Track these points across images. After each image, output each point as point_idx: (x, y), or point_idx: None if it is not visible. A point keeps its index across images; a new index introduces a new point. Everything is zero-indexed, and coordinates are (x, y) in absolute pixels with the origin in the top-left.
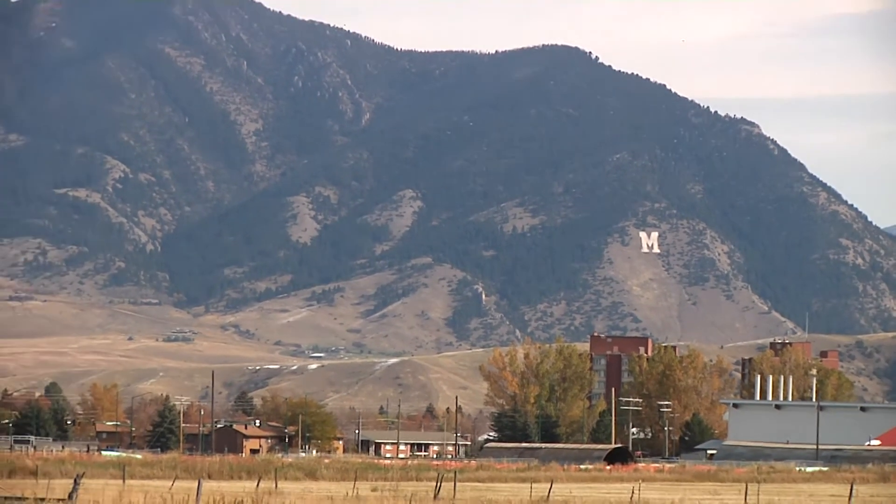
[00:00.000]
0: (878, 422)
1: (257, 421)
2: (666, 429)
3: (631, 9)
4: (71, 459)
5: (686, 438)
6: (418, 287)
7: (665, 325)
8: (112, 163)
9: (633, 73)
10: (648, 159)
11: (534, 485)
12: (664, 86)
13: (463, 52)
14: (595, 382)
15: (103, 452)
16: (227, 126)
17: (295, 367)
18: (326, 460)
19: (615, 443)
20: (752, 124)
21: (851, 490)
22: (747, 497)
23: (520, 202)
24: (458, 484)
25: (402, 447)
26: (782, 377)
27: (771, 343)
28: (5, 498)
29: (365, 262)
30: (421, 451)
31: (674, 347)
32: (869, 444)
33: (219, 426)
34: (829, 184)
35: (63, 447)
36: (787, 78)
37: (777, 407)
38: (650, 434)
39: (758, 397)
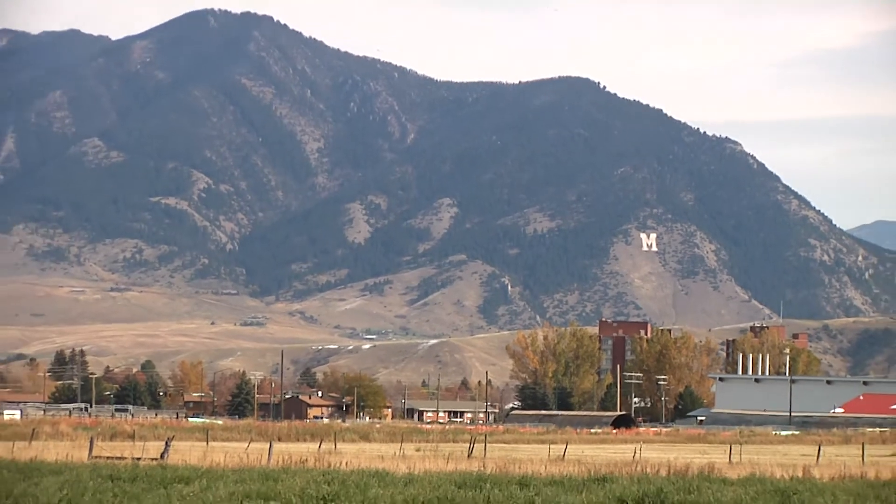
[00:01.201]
0: (842, 393)
1: (319, 392)
2: (663, 399)
3: (633, 46)
4: (162, 425)
5: (679, 407)
6: (454, 280)
7: (662, 311)
8: (197, 175)
9: (634, 100)
10: (647, 172)
11: (551, 446)
12: (661, 110)
13: (491, 82)
14: (603, 360)
15: (190, 419)
16: (294, 145)
17: (351, 347)
18: (377, 425)
19: (620, 410)
20: (735, 143)
21: (819, 450)
22: (731, 456)
23: (539, 208)
24: (487, 445)
25: (440, 414)
26: (761, 355)
27: (751, 327)
28: (107, 457)
29: (409, 259)
30: (457, 417)
31: (669, 331)
32: (834, 412)
33: (287, 397)
34: (799, 192)
35: (156, 415)
36: (766, 104)
37: (756, 380)
38: (649, 403)
39: (740, 372)
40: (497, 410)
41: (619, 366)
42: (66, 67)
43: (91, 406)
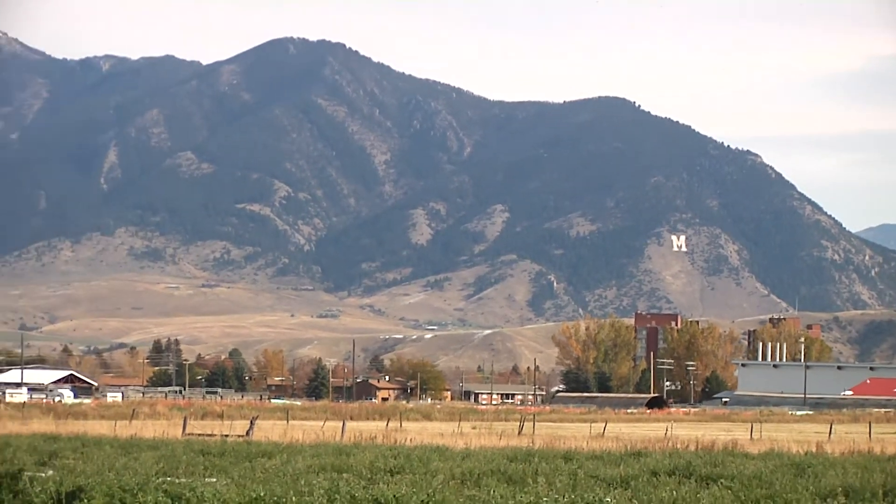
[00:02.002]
0: (851, 377)
1: (386, 377)
2: (691, 382)
3: (665, 70)
4: (248, 406)
5: (706, 390)
6: (506, 277)
7: (690, 305)
8: (279, 185)
9: (666, 117)
10: (677, 181)
11: (592, 424)
12: (689, 126)
13: (538, 101)
14: (638, 348)
15: (272, 400)
16: (364, 157)
17: (414, 337)
18: (438, 406)
19: (653, 393)
20: (755, 155)
21: (831, 428)
22: (752, 433)
23: (581, 213)
24: (535, 424)
25: (494, 396)
26: (778, 344)
27: (770, 318)
28: (199, 434)
29: (466, 259)
30: (508, 399)
31: (697, 322)
32: (843, 395)
33: (358, 381)
34: (812, 199)
35: (242, 396)
36: (783, 121)
37: (774, 366)
38: (679, 386)
39: (760, 359)
40: (544, 393)
41: (652, 353)
42: (162, 89)
43: (184, 389)
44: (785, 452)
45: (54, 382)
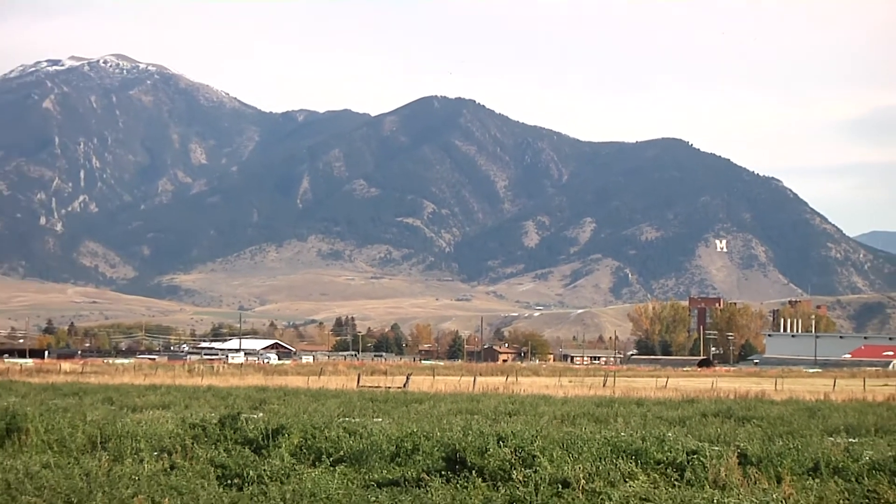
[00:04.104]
0: (849, 344)
1: (506, 344)
2: (730, 348)
3: (710, 115)
4: (405, 365)
5: (742, 353)
6: (594, 270)
7: (730, 291)
8: (427, 203)
9: (711, 152)
10: (720, 200)
11: (657, 379)
12: (729, 159)
13: (617, 141)
14: (691, 322)
15: (422, 361)
16: (489, 184)
17: (526, 315)
18: (543, 366)
19: (702, 356)
20: (778, 180)
21: (834, 382)
22: (776, 386)
23: (649, 224)
24: (615, 378)
25: (585, 358)
26: (795, 320)
27: (789, 301)
28: (369, 386)
29: (564, 257)
30: (595, 360)
31: (734, 303)
32: (844, 357)
33: (485, 347)
34: (820, 212)
35: (400, 359)
36: (799, 155)
37: (793, 336)
38: (722, 351)
39: (782, 331)
40: (622, 356)
41: (701, 326)
42: (342, 134)
43: (358, 353)
44: (800, 400)
45: (263, 349)
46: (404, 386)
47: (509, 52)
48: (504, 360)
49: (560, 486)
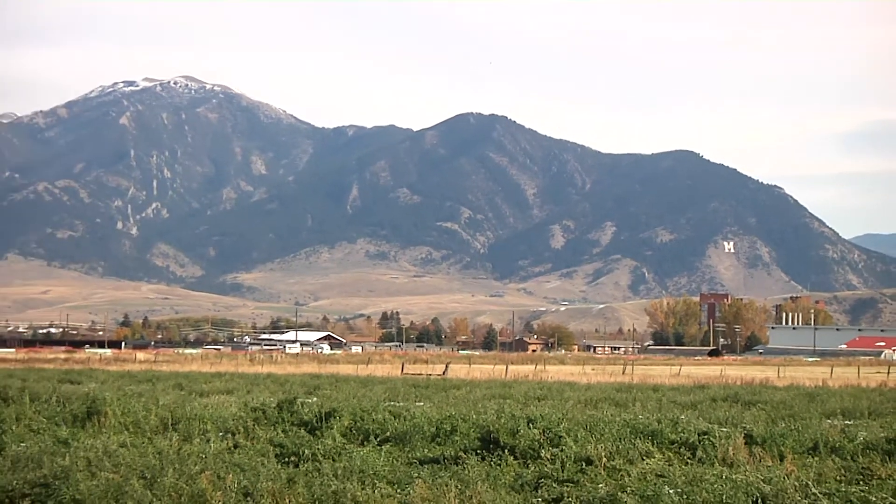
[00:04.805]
0: (845, 336)
1: (535, 336)
2: (737, 339)
3: (719, 129)
4: (444, 355)
5: (748, 344)
6: (614, 269)
7: (737, 288)
8: (463, 209)
9: (720, 163)
10: (728, 205)
11: (671, 367)
12: (736, 169)
13: (635, 153)
14: (702, 316)
15: (459, 351)
16: (520, 192)
17: (553, 310)
18: (569, 355)
19: (712, 346)
20: (780, 188)
21: (832, 370)
22: (779, 373)
23: (664, 227)
24: (633, 367)
25: (606, 349)
26: (796, 314)
27: (790, 297)
28: (412, 374)
29: (587, 258)
30: (615, 350)
31: (741, 299)
32: (840, 347)
33: (515, 339)
34: (819, 216)
35: (440, 349)
36: (799, 165)
37: (794, 328)
38: (729, 342)
39: (784, 324)
40: (639, 346)
41: (711, 320)
42: (387, 147)
43: (402, 344)
44: (801, 386)
45: (317, 340)
46: (443, 373)
47: (538, 74)
48: (533, 351)
49: (584, 464)
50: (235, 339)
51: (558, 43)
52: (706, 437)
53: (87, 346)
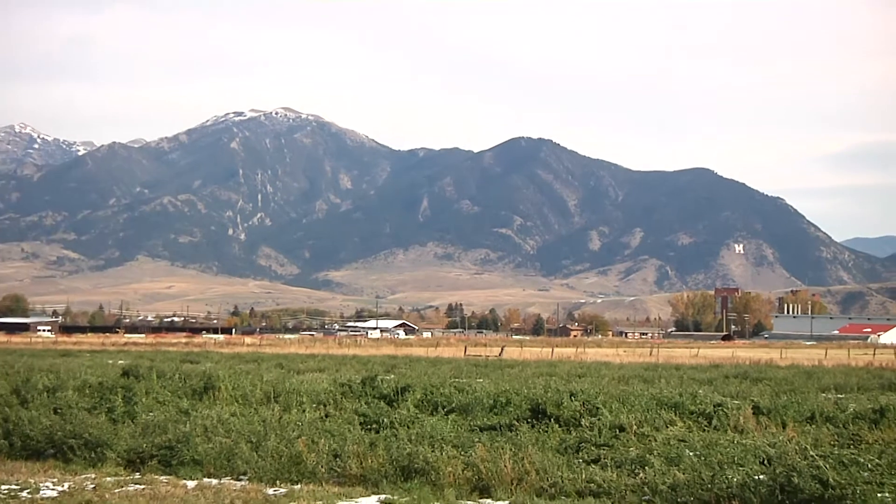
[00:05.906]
0: (837, 323)
1: (576, 323)
2: (746, 326)
3: (731, 150)
4: (500, 340)
5: (755, 331)
6: (642, 268)
7: (746, 284)
8: (516, 218)
9: (731, 178)
10: (738, 214)
11: (690, 350)
12: (744, 183)
13: (660, 170)
14: (716, 307)
15: (513, 336)
16: (562, 203)
17: (591, 302)
18: (604, 340)
19: (725, 332)
20: (782, 199)
21: (826, 352)
22: (781, 355)
23: (684, 232)
24: (659, 350)
25: (635, 334)
26: (796, 305)
27: (791, 291)
28: (473, 355)
29: (620, 258)
30: (644, 336)
31: (749, 292)
32: (833, 333)
33: (560, 326)
34: (815, 223)
35: (496, 334)
36: (799, 179)
37: (794, 317)
38: (740, 329)
39: (786, 313)
40: (663, 332)
41: (724, 310)
42: (452, 166)
43: (465, 330)
44: (800, 365)
45: (394, 327)
46: (499, 355)
47: (579, 103)
48: (574, 336)
49: (617, 431)
50: (326, 327)
51: (597, 78)
52: (720, 408)
53: (204, 332)
